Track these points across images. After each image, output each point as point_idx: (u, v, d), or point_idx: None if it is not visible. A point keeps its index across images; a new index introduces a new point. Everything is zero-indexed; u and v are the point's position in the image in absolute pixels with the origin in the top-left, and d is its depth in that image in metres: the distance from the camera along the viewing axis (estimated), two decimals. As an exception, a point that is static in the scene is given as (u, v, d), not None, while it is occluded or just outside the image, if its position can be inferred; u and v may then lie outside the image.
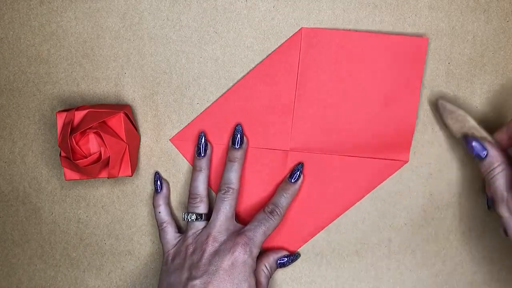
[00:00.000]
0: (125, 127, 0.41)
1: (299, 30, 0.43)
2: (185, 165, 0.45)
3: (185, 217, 0.43)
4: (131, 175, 0.42)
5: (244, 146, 0.44)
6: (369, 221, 0.46)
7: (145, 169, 0.45)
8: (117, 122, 0.41)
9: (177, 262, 0.41)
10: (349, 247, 0.46)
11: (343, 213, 0.46)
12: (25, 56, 0.44)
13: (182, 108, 0.45)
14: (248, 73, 0.44)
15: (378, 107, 0.44)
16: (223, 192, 0.42)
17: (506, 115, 0.44)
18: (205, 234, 0.41)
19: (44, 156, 0.46)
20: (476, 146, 0.39)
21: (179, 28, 0.44)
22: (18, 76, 0.45)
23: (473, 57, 0.44)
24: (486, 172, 0.39)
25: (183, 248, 0.41)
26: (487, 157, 0.39)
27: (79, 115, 0.40)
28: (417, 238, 0.46)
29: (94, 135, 0.40)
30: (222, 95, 0.44)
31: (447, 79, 0.44)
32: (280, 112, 0.44)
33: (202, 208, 0.43)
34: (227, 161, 0.43)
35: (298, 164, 0.44)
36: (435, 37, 0.43)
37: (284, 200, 0.42)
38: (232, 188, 0.42)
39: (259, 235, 0.40)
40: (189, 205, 0.43)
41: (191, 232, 0.42)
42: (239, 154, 0.43)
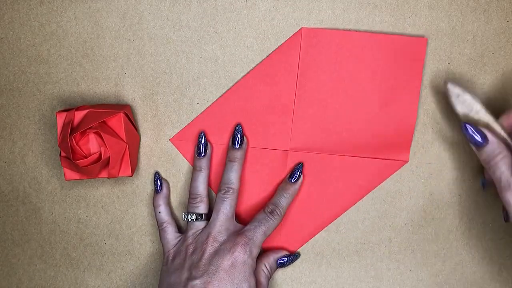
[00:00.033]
0: (125, 127, 0.41)
1: (299, 30, 0.43)
2: (185, 165, 0.45)
3: (185, 217, 0.43)
4: (131, 175, 0.42)
5: (244, 146, 0.44)
6: (369, 221, 0.46)
7: (145, 169, 0.45)
8: (117, 122, 0.41)
9: (177, 262, 0.41)
10: (349, 247, 0.46)
11: (343, 213, 0.46)
12: (25, 56, 0.44)
13: (182, 108, 0.45)
14: (248, 73, 0.44)
15: (378, 107, 0.44)
16: (223, 192, 0.42)
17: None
18: (205, 234, 0.41)
19: (44, 156, 0.46)
20: (476, 134, 0.39)
21: (179, 28, 0.44)
22: (18, 76, 0.45)
23: (473, 57, 0.44)
24: (487, 159, 0.39)
25: (183, 248, 0.41)
26: (487, 144, 0.38)
27: (79, 115, 0.40)
28: (417, 238, 0.46)
29: (94, 135, 0.40)
30: (222, 95, 0.44)
31: (447, 79, 0.44)
32: (280, 112, 0.44)
33: (202, 208, 0.43)
34: (227, 161, 0.43)
35: (298, 164, 0.44)
36: (435, 37, 0.43)
37: (284, 200, 0.42)
38: (232, 188, 0.42)
39: (259, 235, 0.40)
40: (189, 205, 0.43)
41: (191, 232, 0.42)
42: (239, 154, 0.43)
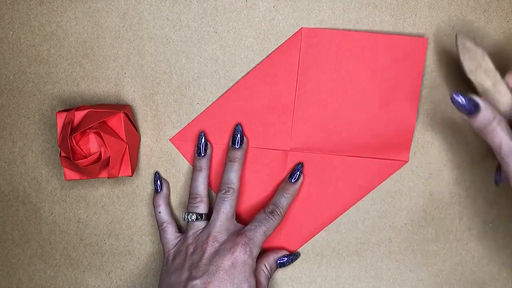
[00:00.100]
0: (125, 127, 0.41)
1: (299, 30, 0.43)
2: (185, 165, 0.45)
3: (185, 217, 0.43)
4: (131, 175, 0.42)
5: (244, 146, 0.44)
6: (369, 221, 0.46)
7: (145, 169, 0.45)
8: (117, 122, 0.41)
9: (177, 262, 0.41)
10: (349, 247, 0.46)
11: (343, 213, 0.46)
12: (25, 56, 0.44)
13: (182, 108, 0.45)
14: (248, 73, 0.44)
15: (378, 107, 0.44)
16: (223, 192, 0.42)
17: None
18: (205, 234, 0.41)
19: (44, 156, 0.46)
20: (467, 102, 0.37)
21: (179, 28, 0.44)
22: (18, 76, 0.45)
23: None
24: (482, 126, 0.37)
25: (184, 248, 0.41)
26: (480, 111, 0.36)
27: (79, 115, 0.40)
28: (417, 238, 0.46)
29: (94, 135, 0.40)
30: (222, 95, 0.44)
31: (447, 79, 0.44)
32: (280, 112, 0.44)
33: (202, 208, 0.43)
34: (227, 161, 0.43)
35: (298, 164, 0.44)
36: (435, 37, 0.43)
37: (284, 200, 0.42)
38: (232, 188, 0.42)
39: (259, 235, 0.40)
40: (189, 205, 0.43)
41: (191, 232, 0.42)
42: (239, 154, 0.43)
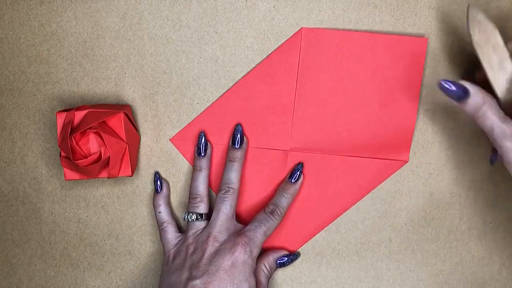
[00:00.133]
0: (125, 127, 0.41)
1: (299, 30, 0.43)
2: (185, 165, 0.45)
3: (185, 217, 0.43)
4: (131, 175, 0.42)
5: (244, 146, 0.44)
6: (369, 221, 0.46)
7: (145, 169, 0.45)
8: (117, 122, 0.41)
9: (177, 262, 0.41)
10: (349, 247, 0.46)
11: (343, 213, 0.46)
12: (25, 56, 0.44)
13: (182, 108, 0.45)
14: (248, 73, 0.44)
15: (378, 107, 0.44)
16: (223, 192, 0.42)
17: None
18: (205, 234, 0.41)
19: (44, 156, 0.46)
20: (456, 88, 0.36)
21: (179, 28, 0.44)
22: (18, 76, 0.45)
23: (473, 57, 0.44)
24: (473, 111, 0.36)
25: (184, 248, 0.41)
26: (469, 96, 0.36)
27: (79, 115, 0.40)
28: (417, 238, 0.46)
29: (94, 135, 0.40)
30: (222, 95, 0.44)
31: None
32: (280, 112, 0.44)
33: (202, 208, 0.43)
34: (227, 161, 0.43)
35: (298, 164, 0.44)
36: (435, 37, 0.43)
37: (284, 200, 0.42)
38: (232, 188, 0.42)
39: (259, 235, 0.40)
40: (189, 205, 0.43)
41: (191, 232, 0.42)
42: (239, 154, 0.43)
